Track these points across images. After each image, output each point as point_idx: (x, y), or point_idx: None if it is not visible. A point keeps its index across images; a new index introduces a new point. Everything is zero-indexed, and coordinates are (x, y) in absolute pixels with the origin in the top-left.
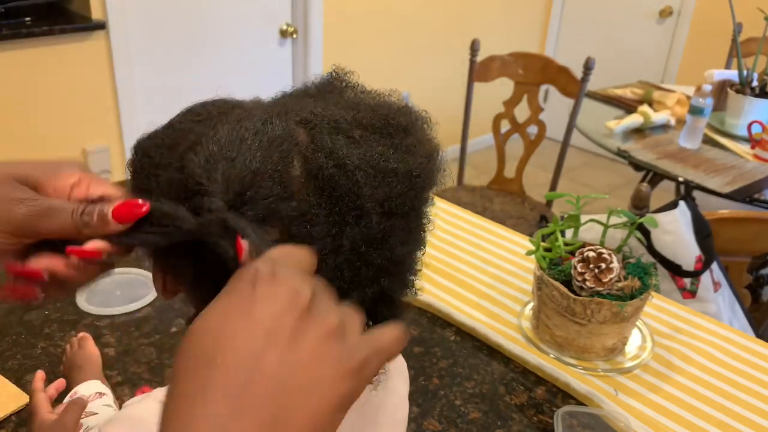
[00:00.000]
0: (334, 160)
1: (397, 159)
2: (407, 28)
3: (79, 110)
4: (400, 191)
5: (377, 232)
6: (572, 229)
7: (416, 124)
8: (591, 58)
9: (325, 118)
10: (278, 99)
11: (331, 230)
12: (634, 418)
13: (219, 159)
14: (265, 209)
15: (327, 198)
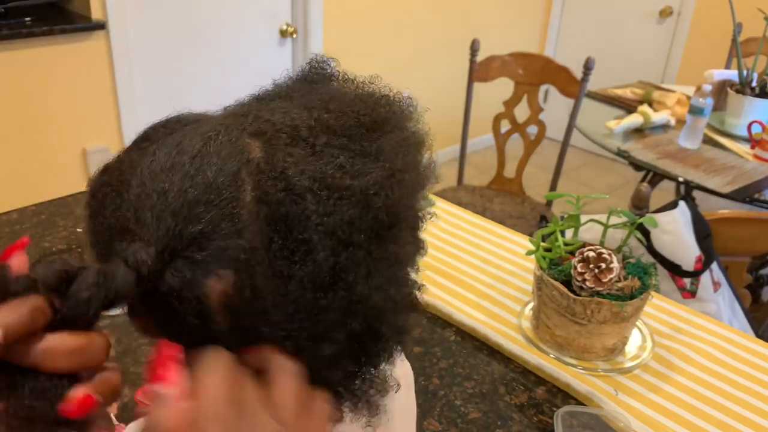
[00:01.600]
0: (284, 182)
1: (354, 172)
2: (407, 28)
3: (79, 110)
4: (353, 216)
5: (327, 271)
6: (572, 229)
7: (394, 117)
8: (591, 58)
9: (284, 126)
10: (240, 106)
11: (281, 272)
12: (634, 418)
13: (149, 194)
14: (211, 249)
15: (278, 230)
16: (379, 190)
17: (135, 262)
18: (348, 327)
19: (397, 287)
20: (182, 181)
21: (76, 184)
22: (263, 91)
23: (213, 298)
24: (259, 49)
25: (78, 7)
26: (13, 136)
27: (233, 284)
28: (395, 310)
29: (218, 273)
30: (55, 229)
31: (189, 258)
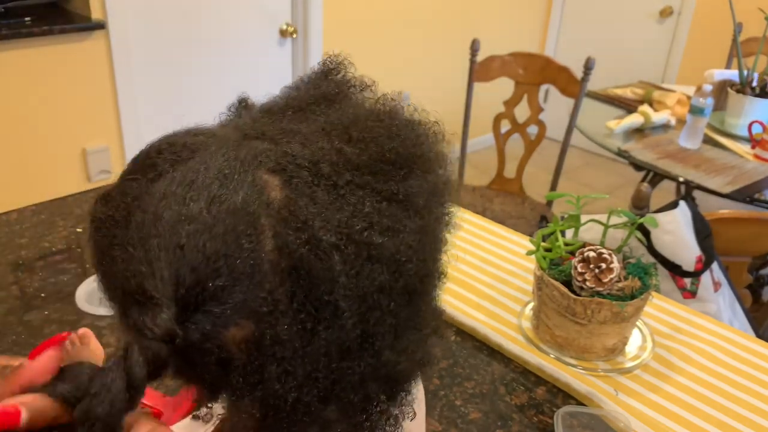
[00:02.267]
0: (308, 234)
1: (385, 226)
2: (407, 28)
3: (79, 110)
4: (383, 282)
5: (354, 337)
6: (572, 229)
7: (421, 151)
8: (591, 58)
9: (304, 161)
10: (251, 122)
11: (304, 329)
12: (634, 418)
13: (164, 247)
14: (233, 302)
15: (300, 284)
16: (411, 256)
17: (158, 335)
18: (368, 389)
19: (423, 344)
20: (200, 234)
21: (76, 184)
22: (273, 100)
23: (233, 345)
24: (259, 49)
25: (78, 7)
26: (13, 136)
27: (253, 333)
28: (419, 365)
29: (239, 323)
30: (55, 229)
31: (208, 312)
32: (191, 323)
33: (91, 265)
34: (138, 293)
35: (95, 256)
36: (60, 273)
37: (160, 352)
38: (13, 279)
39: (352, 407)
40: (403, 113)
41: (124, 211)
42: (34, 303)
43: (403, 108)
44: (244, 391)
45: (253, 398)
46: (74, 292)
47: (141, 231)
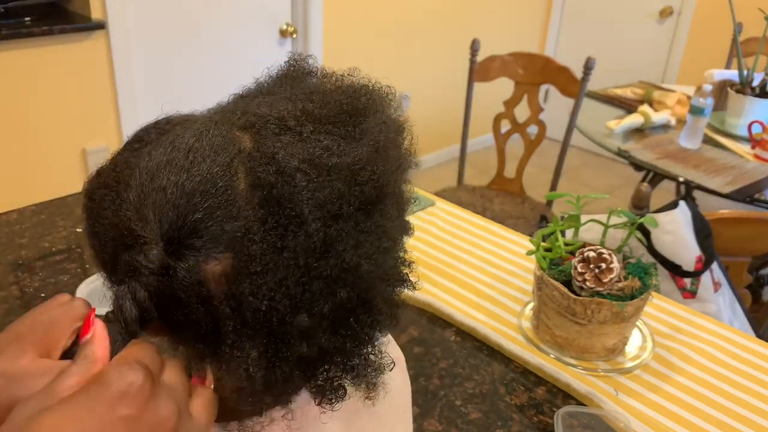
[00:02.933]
0: (276, 165)
1: (340, 151)
2: (407, 28)
3: (79, 110)
4: (341, 189)
5: (318, 240)
6: (572, 229)
7: (373, 104)
8: (591, 58)
9: (271, 117)
10: (226, 104)
11: (274, 245)
12: (634, 418)
13: (148, 191)
14: (210, 234)
15: (271, 209)
16: (365, 165)
17: (151, 269)
18: (337, 296)
19: (386, 258)
20: (178, 175)
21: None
22: (246, 89)
23: (213, 280)
24: (259, 49)
25: (78, 7)
26: (13, 136)
27: (231, 265)
28: (385, 280)
29: (217, 256)
30: (55, 229)
31: (189, 246)
32: (177, 258)
33: (90, 264)
34: (128, 237)
35: (87, 223)
36: (60, 273)
37: (160, 286)
38: (13, 279)
39: (323, 318)
40: (357, 81)
41: (113, 178)
42: (34, 303)
43: (357, 79)
44: (227, 324)
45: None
46: (74, 292)
47: (128, 184)
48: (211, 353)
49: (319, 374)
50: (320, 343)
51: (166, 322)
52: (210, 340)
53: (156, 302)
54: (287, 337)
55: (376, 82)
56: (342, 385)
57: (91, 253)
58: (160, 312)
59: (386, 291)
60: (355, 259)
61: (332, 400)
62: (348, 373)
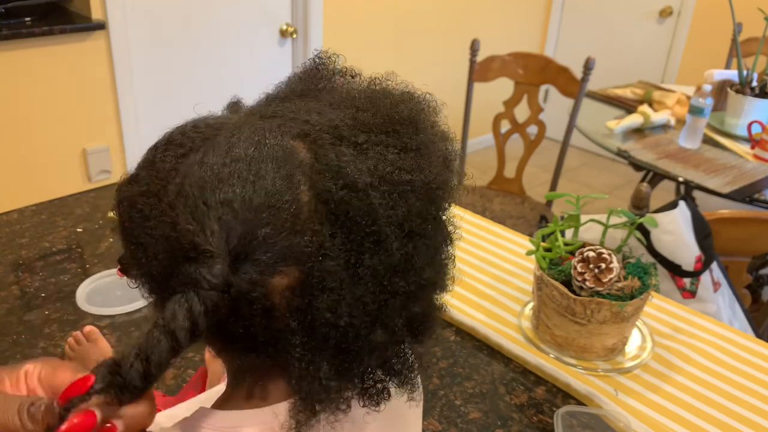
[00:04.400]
0: (343, 179)
1: (410, 167)
2: (407, 29)
3: (79, 110)
4: (419, 207)
5: (399, 258)
6: (572, 229)
7: (423, 114)
8: (591, 58)
9: (324, 126)
10: (263, 106)
11: (349, 261)
12: (634, 418)
13: (213, 204)
14: (278, 249)
15: (341, 225)
16: (440, 184)
17: (215, 284)
18: (411, 310)
19: (445, 272)
20: (244, 189)
21: (76, 184)
22: (277, 88)
23: (278, 293)
24: (259, 49)
25: (78, 7)
26: (13, 136)
27: (297, 279)
28: (443, 289)
29: (283, 270)
30: (55, 229)
31: (255, 261)
32: (241, 273)
33: (90, 264)
34: (189, 250)
35: (128, 234)
36: (60, 273)
37: (218, 302)
38: (13, 279)
39: (396, 332)
40: (395, 88)
41: (159, 185)
42: (34, 303)
43: (393, 85)
44: (294, 337)
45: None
46: (74, 292)
47: (183, 195)
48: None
49: (367, 378)
50: (386, 356)
51: (217, 333)
52: (266, 350)
53: (211, 316)
54: (358, 352)
55: (413, 87)
56: (386, 388)
57: (124, 255)
58: (213, 325)
59: (437, 299)
60: (432, 275)
61: (378, 402)
62: (394, 377)
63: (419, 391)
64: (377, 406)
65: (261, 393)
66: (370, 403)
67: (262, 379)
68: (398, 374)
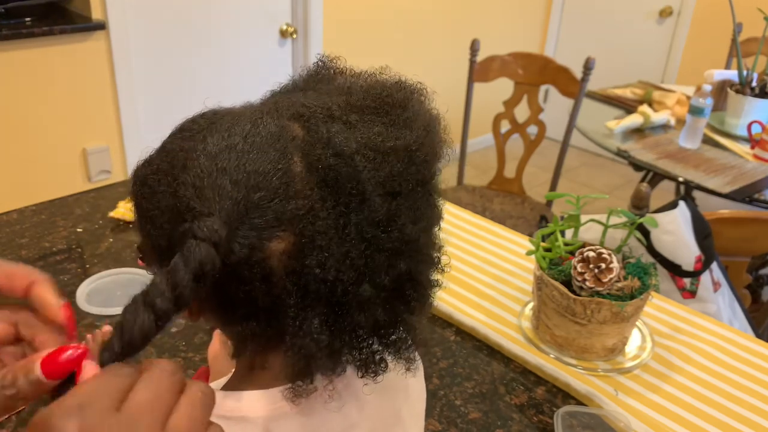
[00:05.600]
0: (332, 149)
1: (394, 136)
2: (407, 29)
3: (79, 110)
4: (400, 169)
5: (382, 215)
6: (572, 229)
7: (412, 96)
8: (591, 58)
9: (318, 108)
10: (268, 98)
11: (337, 221)
12: (634, 418)
13: (209, 172)
14: (273, 213)
15: (330, 189)
16: (420, 146)
17: (207, 235)
18: (396, 268)
19: (433, 239)
20: (239, 157)
21: (76, 184)
22: (281, 86)
23: (275, 257)
24: (259, 49)
25: (78, 7)
26: (13, 136)
27: (293, 242)
28: (431, 261)
29: (279, 234)
30: (55, 229)
31: (252, 225)
32: (238, 238)
33: (90, 264)
34: (186, 213)
35: (139, 208)
36: (60, 273)
37: (208, 254)
38: None
39: (383, 289)
40: (390, 78)
41: (167, 163)
42: None
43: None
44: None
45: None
46: (74, 292)
47: (184, 167)
48: (266, 328)
49: (364, 347)
50: (375, 315)
51: (219, 304)
52: (266, 315)
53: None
54: (347, 307)
55: (408, 78)
56: (384, 359)
57: (141, 242)
58: (215, 290)
59: (431, 271)
60: (414, 233)
61: (375, 372)
62: (389, 347)
63: (418, 365)
64: (375, 377)
65: (262, 363)
66: (368, 374)
67: (265, 353)
68: (393, 344)
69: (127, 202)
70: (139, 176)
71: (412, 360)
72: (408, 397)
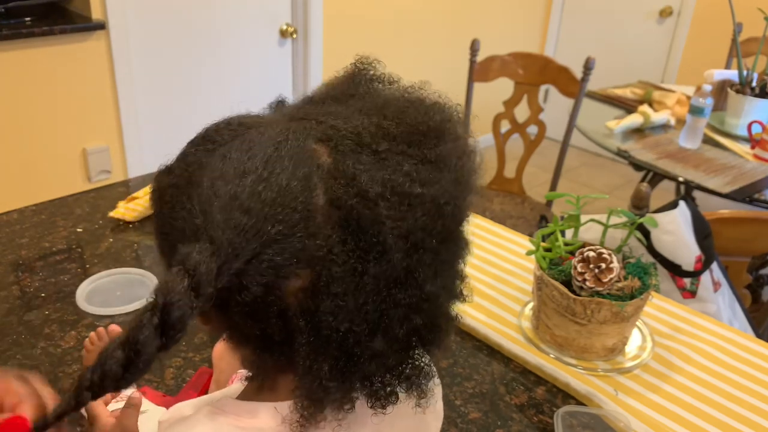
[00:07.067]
0: (356, 188)
1: (424, 180)
2: (407, 29)
3: (79, 110)
4: (425, 223)
5: (401, 270)
6: (572, 229)
7: (448, 126)
8: (591, 58)
9: (348, 132)
10: (299, 107)
11: (355, 269)
12: (634, 418)
13: (220, 194)
14: (291, 250)
15: (350, 231)
16: (449, 199)
17: (192, 265)
18: (413, 322)
19: (456, 284)
20: (255, 183)
21: (76, 184)
22: (315, 92)
23: (292, 294)
24: (259, 49)
25: (78, 7)
26: (13, 136)
27: (311, 281)
28: (452, 303)
29: (297, 272)
30: (55, 229)
31: (270, 262)
32: (253, 272)
33: (90, 264)
34: (190, 235)
35: (157, 220)
36: (60, 273)
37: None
38: (14, 279)
39: (397, 342)
40: (428, 97)
41: (185, 178)
42: (34, 303)
43: (427, 94)
44: (302, 337)
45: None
46: (74, 292)
47: (199, 184)
48: (279, 358)
49: (375, 381)
50: (387, 363)
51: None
52: (279, 348)
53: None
54: (358, 357)
55: (446, 98)
56: (395, 391)
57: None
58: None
59: (451, 311)
60: (434, 290)
61: (385, 404)
62: (403, 382)
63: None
64: (384, 408)
65: (272, 386)
66: (377, 405)
67: (276, 375)
68: (407, 379)
69: (127, 202)
70: (159, 187)
71: (425, 393)
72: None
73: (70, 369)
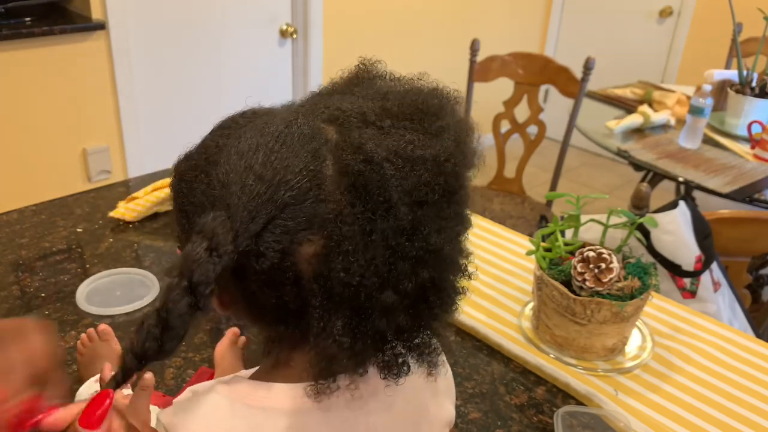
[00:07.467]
0: (363, 155)
1: (425, 145)
2: (407, 29)
3: (79, 110)
4: (427, 178)
5: (407, 223)
6: (572, 229)
7: (447, 105)
8: (591, 58)
9: (353, 113)
10: (307, 99)
11: (364, 227)
12: (634, 418)
13: (236, 169)
14: (304, 215)
15: (358, 195)
16: (449, 157)
17: (210, 229)
18: (420, 276)
19: (459, 247)
20: (267, 155)
21: (76, 184)
22: (321, 88)
23: (305, 261)
24: (259, 49)
25: (78, 7)
26: (13, 136)
27: (323, 245)
28: (456, 268)
29: (311, 238)
30: (55, 229)
31: (284, 227)
32: (269, 238)
33: (90, 264)
34: (209, 206)
35: (177, 202)
36: (60, 273)
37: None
38: (14, 279)
39: (406, 295)
40: (428, 84)
41: (204, 159)
42: (34, 303)
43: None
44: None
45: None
46: (74, 292)
47: (216, 163)
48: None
49: (386, 350)
50: (397, 320)
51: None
52: (293, 317)
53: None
54: (370, 312)
55: (445, 85)
56: (407, 362)
57: (178, 235)
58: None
59: (456, 279)
60: (438, 242)
61: (397, 374)
62: (412, 351)
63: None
64: (396, 378)
65: (285, 364)
66: (390, 375)
67: (290, 352)
68: (416, 348)
69: (127, 202)
70: (178, 171)
71: (435, 364)
72: (436, 394)
73: (70, 369)
